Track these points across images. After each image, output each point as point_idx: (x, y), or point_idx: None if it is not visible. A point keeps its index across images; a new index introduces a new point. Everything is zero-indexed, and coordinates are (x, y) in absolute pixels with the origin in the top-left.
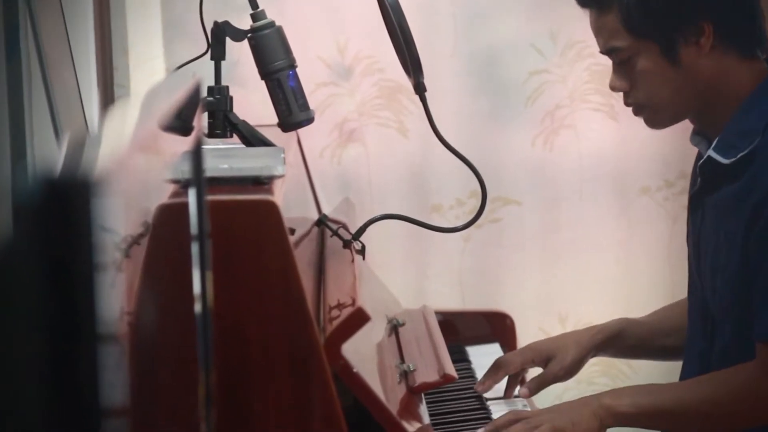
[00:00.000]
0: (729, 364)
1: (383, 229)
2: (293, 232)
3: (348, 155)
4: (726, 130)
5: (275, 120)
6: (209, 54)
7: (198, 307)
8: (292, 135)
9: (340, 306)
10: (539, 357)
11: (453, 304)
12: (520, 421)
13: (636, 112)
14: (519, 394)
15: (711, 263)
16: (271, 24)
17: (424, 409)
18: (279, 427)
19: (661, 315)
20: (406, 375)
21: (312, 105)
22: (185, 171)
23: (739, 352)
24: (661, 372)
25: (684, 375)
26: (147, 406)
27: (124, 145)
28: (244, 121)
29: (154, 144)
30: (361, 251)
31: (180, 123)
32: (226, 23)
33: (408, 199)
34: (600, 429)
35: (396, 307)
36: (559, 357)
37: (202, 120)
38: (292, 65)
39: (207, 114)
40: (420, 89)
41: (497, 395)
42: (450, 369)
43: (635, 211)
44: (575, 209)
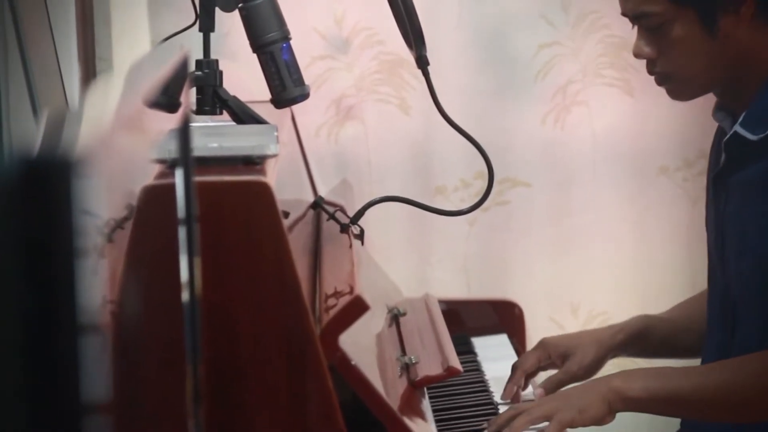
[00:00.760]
0: None
1: (383, 213)
2: (287, 215)
3: (346, 134)
4: (754, 104)
5: (268, 96)
6: (197, 25)
7: (185, 296)
8: (285, 112)
9: (337, 294)
10: (556, 354)
11: (457, 292)
12: (521, 415)
13: (660, 81)
14: (535, 394)
15: (737, 247)
16: None
17: (426, 405)
18: (272, 424)
19: (684, 310)
20: (407, 368)
21: (307, 80)
22: (172, 150)
23: (762, 341)
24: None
25: None
26: (131, 402)
27: (106, 123)
28: (234, 97)
29: (138, 121)
30: (360, 236)
31: (166, 99)
32: None
33: (410, 181)
34: (609, 414)
35: (397, 296)
36: (579, 355)
37: (189, 96)
38: (285, 37)
39: (195, 89)
40: (422, 63)
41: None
42: (454, 361)
43: (652, 193)
44: (588, 191)
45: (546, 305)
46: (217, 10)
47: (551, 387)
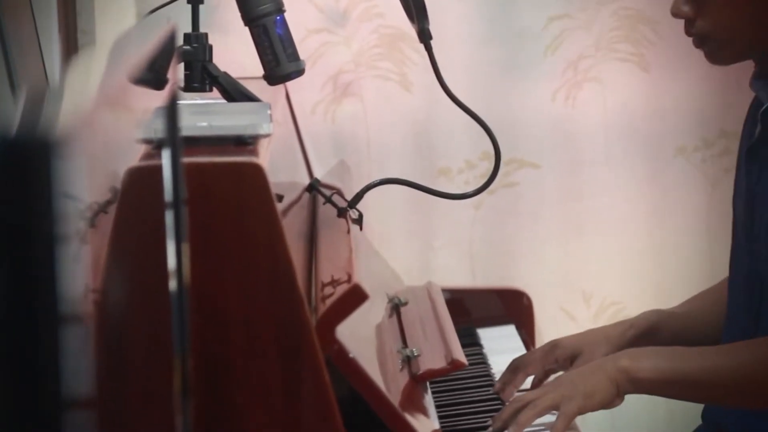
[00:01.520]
0: None
1: (383, 196)
2: (281, 198)
3: (343, 112)
4: None
5: (260, 72)
6: None
7: (173, 285)
8: (279, 89)
9: (334, 283)
10: (563, 355)
11: (462, 280)
12: (526, 408)
13: (698, 43)
14: None
15: None
16: None
17: (429, 400)
18: (265, 421)
19: (698, 304)
20: (409, 361)
21: (302, 55)
22: (158, 129)
23: None
24: None
25: None
26: (115, 396)
27: (89, 100)
28: (225, 73)
29: (123, 99)
30: (358, 221)
31: (152, 75)
32: None
33: (411, 162)
34: (618, 396)
35: (397, 284)
36: (587, 354)
37: (177, 72)
38: (279, 9)
39: (183, 65)
40: (425, 37)
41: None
42: (459, 354)
43: (669, 175)
44: (601, 173)
45: (556, 294)
46: None
47: None
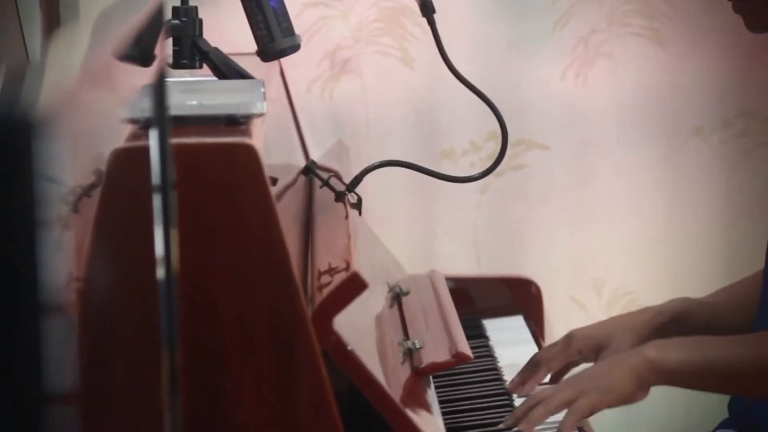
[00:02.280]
0: None
1: (383, 179)
2: (275, 181)
3: (341, 90)
4: None
5: (253, 47)
6: None
7: (161, 273)
8: (273, 66)
9: (331, 271)
10: (587, 347)
11: (467, 268)
12: (540, 405)
13: (737, 8)
14: None
15: None
16: None
17: (432, 395)
18: (259, 417)
19: (730, 295)
20: (410, 354)
21: (298, 29)
22: (145, 108)
23: None
24: None
25: None
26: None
27: (71, 78)
28: (215, 49)
29: (108, 76)
30: (357, 205)
31: (139, 51)
32: None
33: (413, 143)
34: (639, 389)
35: (399, 273)
36: (614, 346)
37: (165, 47)
38: None
39: (171, 40)
40: (427, 10)
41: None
42: (463, 347)
43: (685, 157)
44: (613, 155)
45: (566, 282)
46: None
47: None
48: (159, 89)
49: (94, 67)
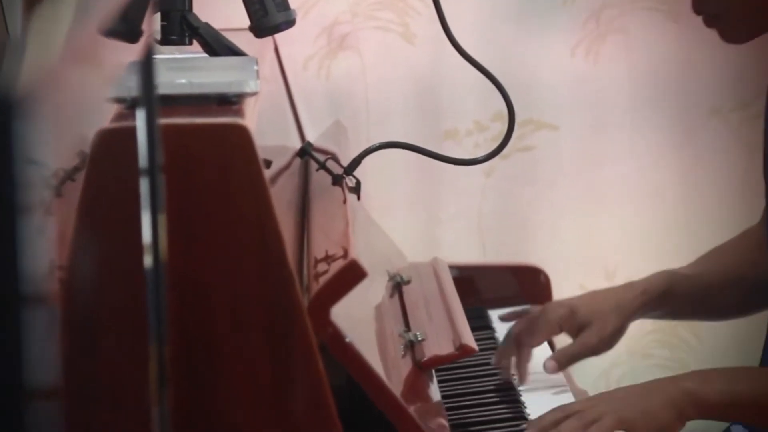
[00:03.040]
0: None
1: (383, 161)
2: (269, 164)
3: (339, 67)
4: None
5: (246, 23)
6: None
7: (148, 261)
8: (267, 42)
9: (328, 259)
10: (569, 323)
11: (472, 255)
12: (571, 418)
13: (709, 22)
14: (545, 367)
15: None
16: None
17: (435, 390)
18: (252, 412)
19: (715, 263)
20: (412, 346)
21: (293, 4)
22: (132, 87)
23: None
24: (736, 341)
25: None
26: (84, 387)
27: (54, 55)
28: (206, 24)
29: (92, 53)
30: (356, 189)
31: (126, 26)
32: None
33: (415, 123)
34: (678, 422)
35: (400, 260)
36: (597, 325)
37: (153, 23)
38: None
39: (159, 15)
40: None
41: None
42: (468, 339)
43: (702, 139)
44: (626, 136)
45: (576, 270)
46: None
47: (565, 361)
48: (146, 67)
49: (77, 44)
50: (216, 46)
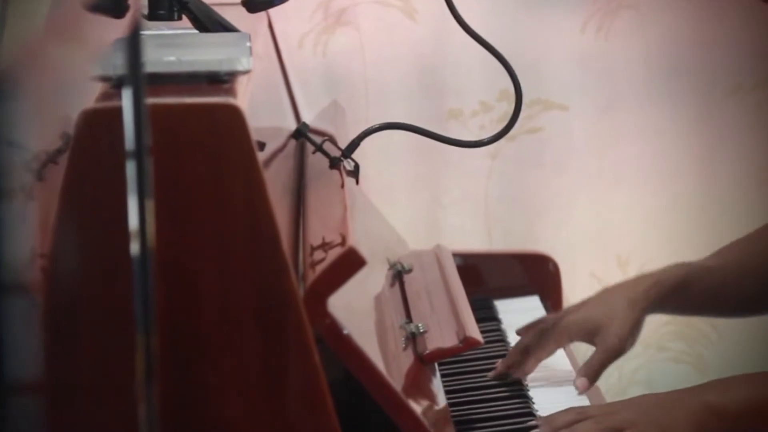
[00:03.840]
0: None
1: (383, 143)
2: (263, 146)
3: (336, 44)
4: None
5: None
6: None
7: (135, 248)
8: (261, 17)
9: (325, 246)
10: (580, 331)
11: (477, 243)
12: (587, 421)
13: None
14: (576, 387)
15: None
16: None
17: (438, 384)
18: (245, 408)
19: (735, 256)
20: (413, 338)
21: None
22: (118, 65)
23: None
24: (757, 335)
25: None
26: (67, 380)
27: (36, 31)
28: None
29: (76, 29)
30: (354, 172)
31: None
32: None
33: (416, 103)
34: None
35: (400, 248)
36: (614, 325)
37: None
38: None
39: None
40: None
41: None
42: (473, 330)
43: (721, 118)
44: (640, 115)
45: (587, 258)
46: None
47: (593, 373)
48: (133, 43)
49: (60, 19)
50: (206, 21)
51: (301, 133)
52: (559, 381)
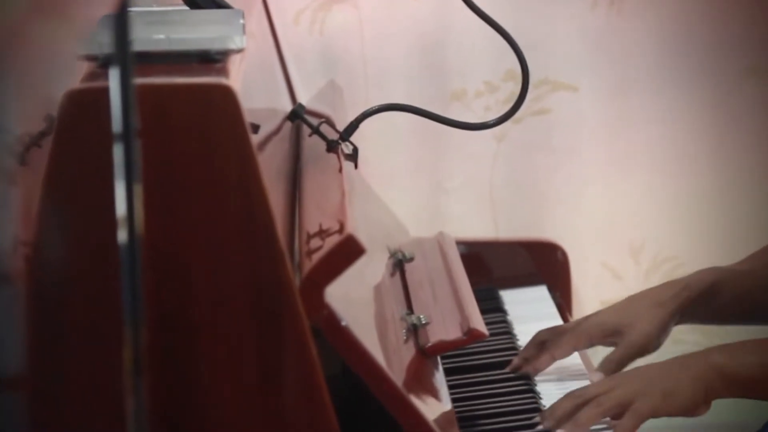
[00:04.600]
0: None
1: (383, 126)
2: (257, 129)
3: (334, 21)
4: None
5: None
6: None
7: (123, 236)
8: None
9: (322, 233)
10: (602, 333)
11: (482, 230)
12: (588, 405)
13: None
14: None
15: None
16: None
17: (441, 379)
18: (238, 402)
19: (766, 260)
20: (415, 330)
21: None
22: (105, 43)
23: None
24: None
25: None
26: (51, 375)
27: (18, 7)
28: None
29: (60, 6)
30: (353, 156)
31: None
32: None
33: (418, 83)
34: (705, 400)
35: (401, 235)
36: (640, 323)
37: None
38: None
39: None
40: None
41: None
42: (477, 322)
43: (738, 100)
44: (652, 98)
45: (598, 247)
46: None
47: (613, 367)
48: (120, 21)
49: None
50: None
51: (297, 115)
52: (570, 376)
